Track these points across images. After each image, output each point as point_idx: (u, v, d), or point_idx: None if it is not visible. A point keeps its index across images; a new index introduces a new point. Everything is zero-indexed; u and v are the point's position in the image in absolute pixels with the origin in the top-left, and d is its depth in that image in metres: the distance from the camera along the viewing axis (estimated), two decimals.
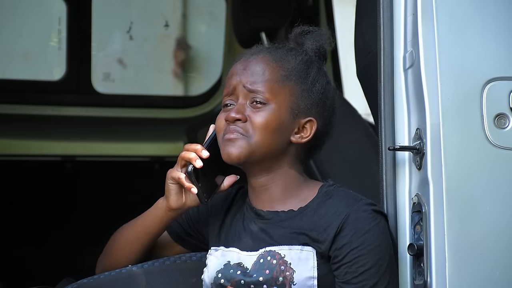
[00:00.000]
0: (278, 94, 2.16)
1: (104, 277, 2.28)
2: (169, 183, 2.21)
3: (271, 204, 2.19)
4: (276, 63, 2.19)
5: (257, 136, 2.14)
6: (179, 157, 2.19)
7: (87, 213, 4.44)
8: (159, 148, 4.70)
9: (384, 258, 2.09)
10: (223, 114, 2.19)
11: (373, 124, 3.04)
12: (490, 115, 2.11)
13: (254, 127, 2.14)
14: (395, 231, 2.17)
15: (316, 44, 2.27)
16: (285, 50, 2.23)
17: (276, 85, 2.16)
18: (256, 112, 2.15)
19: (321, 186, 2.19)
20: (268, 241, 2.15)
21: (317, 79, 2.21)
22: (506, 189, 2.09)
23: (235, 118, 2.15)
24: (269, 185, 2.19)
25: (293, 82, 2.18)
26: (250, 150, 2.14)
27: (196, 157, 2.16)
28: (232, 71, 2.22)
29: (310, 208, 2.15)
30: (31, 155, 4.57)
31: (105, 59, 4.85)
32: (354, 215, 2.10)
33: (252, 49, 2.26)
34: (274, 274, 2.10)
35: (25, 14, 4.62)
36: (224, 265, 2.17)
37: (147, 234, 2.29)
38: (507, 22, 2.16)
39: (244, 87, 2.17)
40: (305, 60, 2.22)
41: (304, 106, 2.18)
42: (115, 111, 4.71)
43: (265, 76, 2.17)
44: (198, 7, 5.15)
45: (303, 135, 2.18)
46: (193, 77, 5.19)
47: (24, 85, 4.64)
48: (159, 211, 2.25)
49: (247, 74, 2.18)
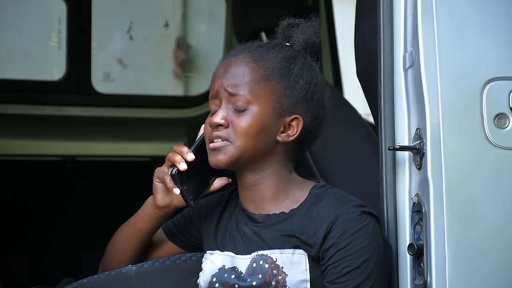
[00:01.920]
0: (259, 95, 2.13)
1: (104, 277, 2.28)
2: (155, 181, 2.22)
3: (263, 204, 2.18)
4: (256, 63, 2.15)
5: (241, 141, 2.12)
6: (166, 157, 2.19)
7: (87, 213, 4.44)
8: (159, 148, 4.70)
9: (371, 259, 2.07)
10: (209, 118, 2.18)
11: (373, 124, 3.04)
12: (490, 115, 2.11)
13: (236, 132, 2.12)
14: (395, 231, 2.17)
15: (303, 36, 2.23)
16: (266, 48, 2.19)
17: (257, 86, 2.13)
18: (238, 116, 2.13)
19: (312, 187, 2.18)
20: (260, 244, 2.14)
21: (301, 75, 2.17)
22: (506, 189, 2.09)
23: (217, 124, 2.13)
24: (259, 184, 2.17)
25: (274, 81, 2.14)
26: (236, 155, 2.13)
27: (181, 160, 2.15)
28: (215, 74, 2.19)
29: (301, 210, 2.14)
30: (31, 155, 4.57)
31: (105, 59, 4.85)
32: (342, 216, 2.09)
33: (234, 50, 2.23)
34: (267, 279, 2.10)
35: (25, 14, 4.62)
36: (219, 269, 2.17)
37: (139, 232, 2.29)
38: (507, 22, 2.16)
39: (225, 91, 2.14)
40: (287, 56, 2.18)
41: (288, 104, 2.14)
42: (115, 111, 4.71)
43: (245, 78, 2.13)
44: (198, 7, 5.16)
45: (289, 133, 2.15)
46: (193, 77, 5.19)
47: (24, 85, 4.64)
48: (148, 209, 2.26)
49: (228, 77, 2.15)
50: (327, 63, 4.62)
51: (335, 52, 4.63)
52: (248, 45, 2.23)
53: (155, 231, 2.31)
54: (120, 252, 2.31)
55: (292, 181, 2.20)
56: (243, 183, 2.20)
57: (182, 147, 2.19)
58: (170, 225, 2.35)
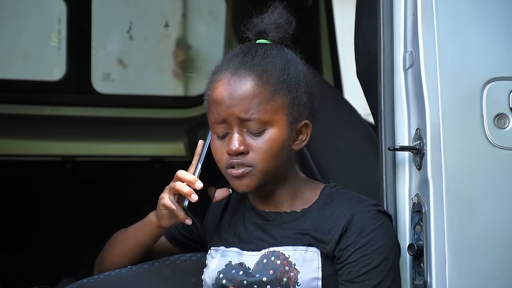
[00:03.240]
0: (272, 113, 2.08)
1: (104, 277, 2.28)
2: (161, 209, 2.17)
3: (274, 203, 2.18)
4: (260, 80, 2.08)
5: (264, 164, 2.08)
6: (171, 186, 2.13)
7: (87, 213, 4.44)
8: (159, 148, 4.70)
9: (388, 258, 2.08)
10: (221, 144, 2.10)
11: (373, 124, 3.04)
12: (490, 115, 2.11)
13: (259, 157, 2.08)
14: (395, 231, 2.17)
15: (278, 30, 2.16)
16: (261, 58, 2.11)
17: (269, 105, 2.08)
18: (257, 139, 2.08)
19: (323, 188, 2.18)
20: (271, 241, 2.14)
21: (298, 78, 2.12)
22: (506, 189, 2.09)
23: (238, 152, 2.08)
24: (276, 190, 2.17)
25: (282, 95, 2.09)
26: (262, 178, 2.10)
27: (191, 192, 2.10)
28: (218, 98, 2.09)
29: (313, 210, 2.14)
30: (31, 155, 4.57)
31: (105, 59, 4.85)
32: (359, 215, 2.09)
33: (229, 66, 2.12)
34: (278, 275, 2.09)
35: (25, 14, 4.62)
36: (226, 265, 2.16)
37: (141, 247, 2.28)
38: (507, 22, 2.16)
39: (238, 118, 2.07)
40: (282, 64, 2.12)
41: (298, 114, 2.12)
42: (115, 111, 4.71)
43: (256, 100, 2.07)
44: (198, 7, 5.16)
45: (301, 139, 2.15)
46: (193, 77, 5.19)
47: (24, 85, 4.64)
48: (151, 227, 2.23)
49: (236, 103, 2.07)
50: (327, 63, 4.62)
51: (335, 52, 4.64)
52: (241, 56, 2.13)
53: (156, 242, 2.30)
54: (119, 261, 2.30)
55: (302, 181, 2.20)
56: (259, 192, 2.17)
57: (188, 175, 2.13)
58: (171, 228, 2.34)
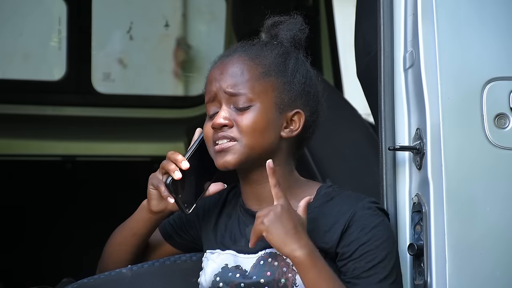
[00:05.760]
0: (260, 92, 2.13)
1: (104, 277, 2.28)
2: (150, 188, 2.21)
3: (268, 203, 2.14)
4: (252, 61, 2.15)
5: (248, 139, 2.11)
6: (161, 164, 2.17)
7: (87, 213, 4.44)
8: (159, 148, 4.70)
9: (392, 253, 2.08)
10: (210, 121, 2.16)
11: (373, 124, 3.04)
12: (490, 115, 2.11)
13: (242, 131, 2.11)
14: (395, 231, 2.17)
15: (290, 33, 2.23)
16: (259, 46, 2.20)
17: (257, 83, 2.13)
18: (242, 115, 2.12)
19: (319, 187, 2.18)
20: (266, 243, 2.11)
21: (297, 69, 2.18)
22: (506, 189, 2.09)
23: (221, 124, 2.12)
24: (264, 182, 2.15)
25: (273, 77, 2.14)
26: (245, 154, 2.12)
27: (176, 169, 2.14)
28: (210, 77, 2.18)
29: (310, 209, 2.12)
30: (31, 155, 4.57)
31: (105, 59, 4.85)
32: (360, 212, 2.09)
33: (227, 51, 2.22)
34: (276, 276, 2.09)
35: (25, 14, 4.62)
36: (222, 268, 2.16)
37: (134, 235, 2.29)
38: (507, 22, 2.16)
39: (225, 93, 2.14)
40: (281, 52, 2.18)
41: (289, 99, 2.14)
42: (115, 111, 4.71)
43: (244, 77, 2.13)
44: (198, 7, 5.16)
45: (292, 128, 2.16)
46: (193, 77, 5.19)
47: (24, 85, 4.64)
48: (143, 213, 2.25)
49: (226, 78, 2.14)
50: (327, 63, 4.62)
51: (335, 52, 4.64)
52: (240, 44, 2.23)
53: (151, 233, 2.30)
54: (117, 254, 2.31)
55: (297, 180, 2.20)
56: (248, 180, 2.19)
57: (176, 154, 2.17)
58: (167, 226, 2.35)
